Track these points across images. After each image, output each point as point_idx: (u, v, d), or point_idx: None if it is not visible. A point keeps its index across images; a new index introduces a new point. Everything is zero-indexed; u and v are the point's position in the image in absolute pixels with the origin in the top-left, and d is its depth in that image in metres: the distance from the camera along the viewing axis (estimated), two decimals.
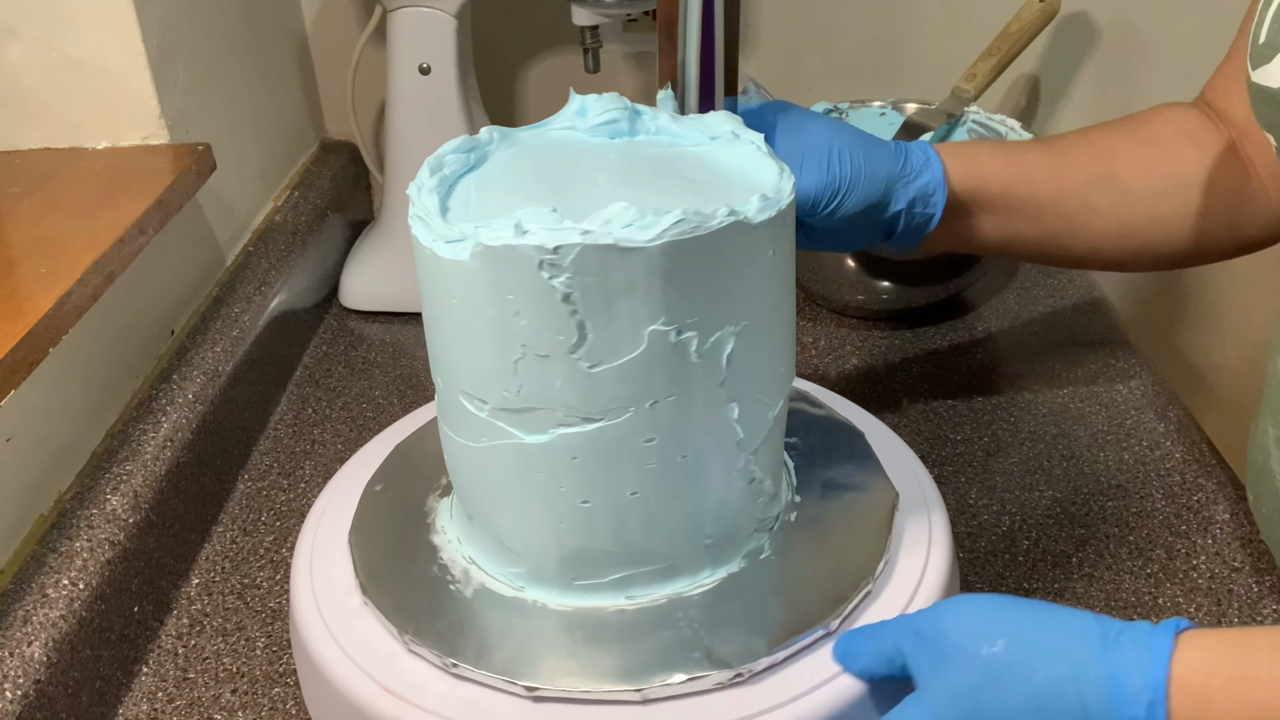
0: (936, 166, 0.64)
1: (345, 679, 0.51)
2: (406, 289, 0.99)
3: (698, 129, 0.55)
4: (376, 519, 0.59)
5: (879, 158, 0.63)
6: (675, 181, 0.51)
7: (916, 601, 0.53)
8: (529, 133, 0.56)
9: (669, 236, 0.44)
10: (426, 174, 0.51)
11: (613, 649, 0.50)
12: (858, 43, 1.12)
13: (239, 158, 0.93)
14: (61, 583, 0.60)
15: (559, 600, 0.53)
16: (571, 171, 0.53)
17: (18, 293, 0.63)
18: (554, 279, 0.45)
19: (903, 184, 0.63)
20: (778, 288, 0.51)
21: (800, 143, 0.62)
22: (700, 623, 0.51)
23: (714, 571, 0.54)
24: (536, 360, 0.47)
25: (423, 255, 0.48)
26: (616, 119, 0.56)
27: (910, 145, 0.65)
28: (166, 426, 0.73)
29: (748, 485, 0.53)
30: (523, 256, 0.44)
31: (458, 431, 0.52)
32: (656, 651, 0.50)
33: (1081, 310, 0.96)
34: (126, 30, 0.77)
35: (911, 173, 0.64)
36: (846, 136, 0.62)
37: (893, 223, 0.65)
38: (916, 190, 0.64)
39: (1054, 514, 0.73)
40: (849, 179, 0.61)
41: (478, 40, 1.01)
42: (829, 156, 0.61)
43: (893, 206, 0.63)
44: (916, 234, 0.66)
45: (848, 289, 0.93)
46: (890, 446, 0.63)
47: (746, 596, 0.53)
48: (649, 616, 0.52)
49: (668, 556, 0.52)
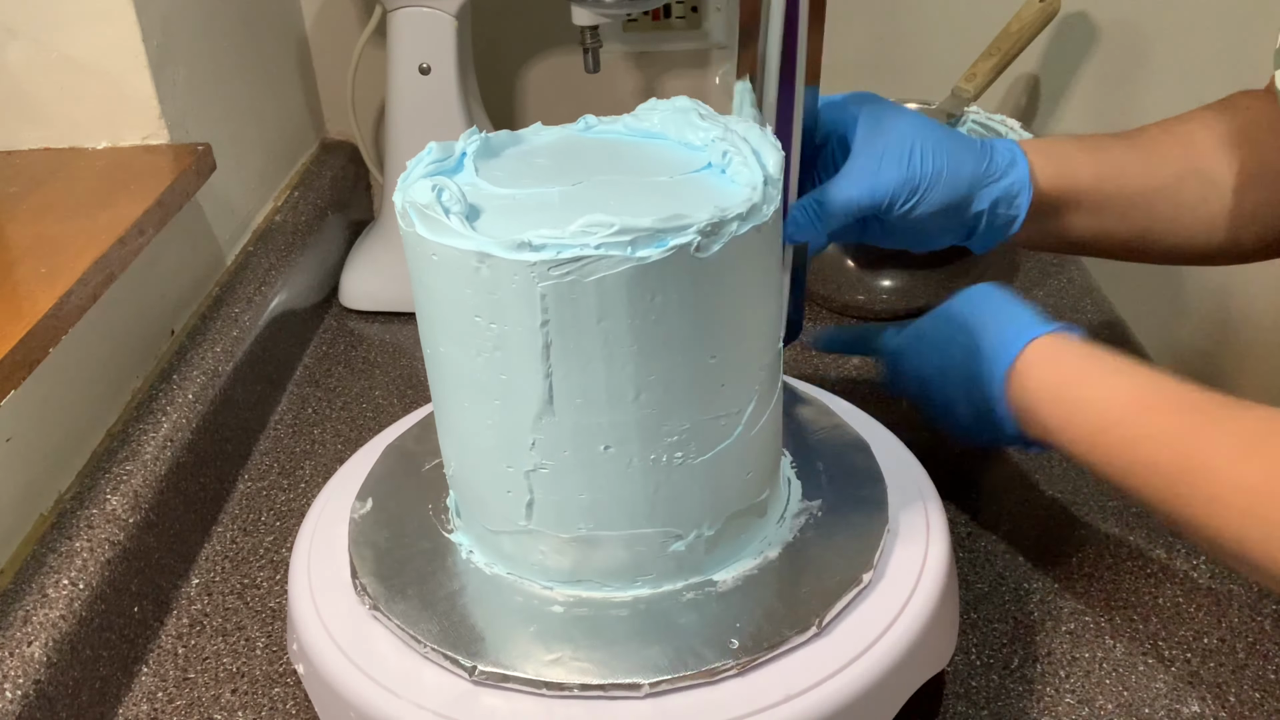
0: (1022, 166, 0.63)
1: (346, 682, 0.51)
2: (406, 289, 0.98)
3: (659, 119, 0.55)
4: (377, 509, 0.60)
5: (963, 156, 0.62)
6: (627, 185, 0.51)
7: (914, 601, 0.53)
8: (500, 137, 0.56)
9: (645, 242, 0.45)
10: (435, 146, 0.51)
11: (602, 642, 0.50)
12: (858, 43, 1.12)
13: (239, 158, 0.93)
14: (61, 583, 0.60)
15: (563, 593, 0.53)
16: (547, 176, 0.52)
17: (18, 293, 0.63)
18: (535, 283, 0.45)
19: (987, 184, 0.62)
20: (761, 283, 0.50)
21: (882, 137, 0.61)
22: (685, 620, 0.51)
23: (702, 572, 0.54)
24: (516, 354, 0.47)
25: (414, 253, 0.49)
26: None
27: (996, 143, 0.64)
28: (166, 426, 0.73)
29: (735, 490, 0.53)
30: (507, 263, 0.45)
31: (446, 419, 0.53)
32: (658, 645, 0.50)
33: (1082, 310, 0.96)
34: (126, 30, 0.77)
35: (996, 173, 0.63)
36: (930, 133, 0.61)
37: (974, 222, 0.64)
38: (1001, 191, 0.63)
39: (1054, 514, 0.73)
40: (929, 177, 0.60)
41: (478, 40, 1.01)
42: (910, 153, 0.60)
43: (975, 206, 0.63)
44: (999, 234, 0.65)
45: (848, 289, 0.93)
46: (889, 448, 0.63)
47: (746, 594, 0.53)
48: (650, 610, 0.52)
49: (658, 554, 0.52)
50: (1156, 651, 0.62)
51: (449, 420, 0.54)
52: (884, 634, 0.52)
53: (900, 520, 0.57)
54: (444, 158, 0.52)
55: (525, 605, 0.53)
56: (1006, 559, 0.69)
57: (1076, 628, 0.64)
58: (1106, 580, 0.67)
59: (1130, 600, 0.66)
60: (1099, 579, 0.67)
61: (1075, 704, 0.59)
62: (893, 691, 0.51)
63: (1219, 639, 0.63)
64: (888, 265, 0.90)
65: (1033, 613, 0.65)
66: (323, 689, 0.53)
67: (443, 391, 0.53)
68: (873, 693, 0.50)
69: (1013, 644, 0.63)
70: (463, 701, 0.49)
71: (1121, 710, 0.59)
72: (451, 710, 0.49)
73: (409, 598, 0.53)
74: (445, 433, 0.55)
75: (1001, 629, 0.64)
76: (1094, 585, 0.67)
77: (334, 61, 1.12)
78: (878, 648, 0.51)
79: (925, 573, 0.54)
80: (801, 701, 0.48)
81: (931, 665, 0.55)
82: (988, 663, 0.62)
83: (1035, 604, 0.66)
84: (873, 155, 0.60)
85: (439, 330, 0.50)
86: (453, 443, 0.55)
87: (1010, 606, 0.66)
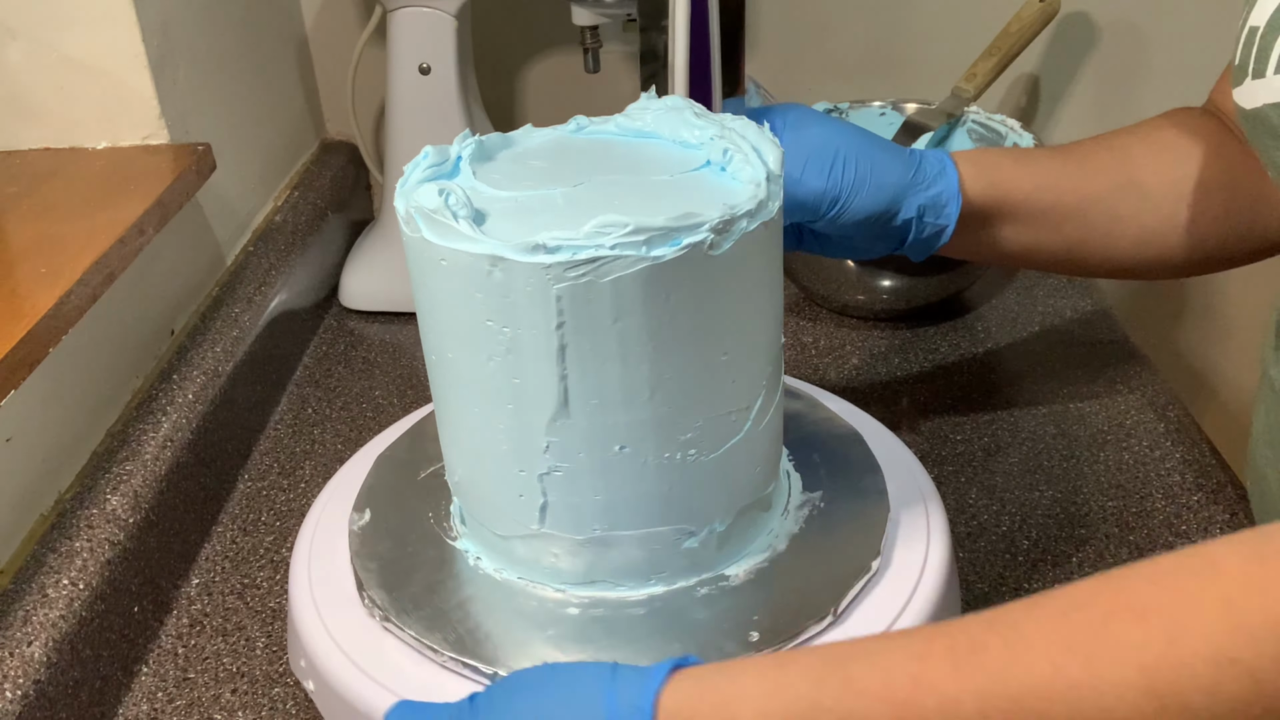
0: (952, 176, 0.63)
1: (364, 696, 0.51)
2: (406, 289, 0.98)
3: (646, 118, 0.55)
4: (378, 508, 0.60)
5: (888, 164, 0.61)
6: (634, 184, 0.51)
7: (914, 601, 0.53)
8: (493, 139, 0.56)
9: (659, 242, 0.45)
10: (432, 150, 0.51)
11: (635, 641, 0.51)
12: (858, 43, 1.12)
13: (239, 158, 0.93)
14: (61, 583, 0.60)
15: (577, 595, 0.53)
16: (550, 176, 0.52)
17: (18, 293, 0.62)
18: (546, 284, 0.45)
19: (913, 192, 0.62)
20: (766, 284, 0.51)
21: (804, 145, 0.60)
22: (687, 621, 0.52)
23: (725, 564, 0.54)
24: (520, 358, 0.47)
25: (413, 253, 0.49)
26: None
27: (926, 153, 0.64)
28: (166, 426, 0.73)
29: (745, 485, 0.53)
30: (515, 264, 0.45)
31: (447, 420, 0.53)
32: (678, 642, 0.50)
33: (1081, 310, 0.96)
34: (126, 30, 0.77)
35: (924, 181, 0.62)
36: (853, 141, 0.61)
37: (903, 231, 0.63)
38: (928, 199, 0.62)
39: (1054, 514, 0.73)
40: (851, 186, 0.60)
41: (478, 40, 1.01)
42: (832, 161, 0.60)
43: (903, 215, 0.62)
44: (930, 244, 0.64)
45: (848, 289, 0.93)
46: (889, 447, 0.63)
47: (759, 586, 0.53)
48: (667, 608, 0.52)
49: (653, 557, 0.53)
50: None
51: (455, 426, 0.54)
52: (898, 617, 0.52)
53: (901, 508, 0.58)
54: (440, 162, 0.52)
55: (540, 609, 0.53)
56: (1006, 559, 0.69)
57: None
58: None
59: None
60: None
61: None
62: None
63: None
64: (888, 266, 0.90)
65: None
66: (339, 705, 0.52)
67: (449, 397, 0.53)
68: None
69: None
70: None
71: None
72: None
73: (420, 608, 0.53)
74: (450, 439, 0.55)
75: None
76: None
77: (334, 61, 1.12)
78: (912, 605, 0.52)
79: (926, 574, 0.55)
80: None
81: None
82: None
83: None
84: (795, 165, 0.60)
85: (446, 336, 0.50)
86: (459, 448, 0.54)
87: None
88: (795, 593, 0.53)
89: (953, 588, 0.57)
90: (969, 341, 0.92)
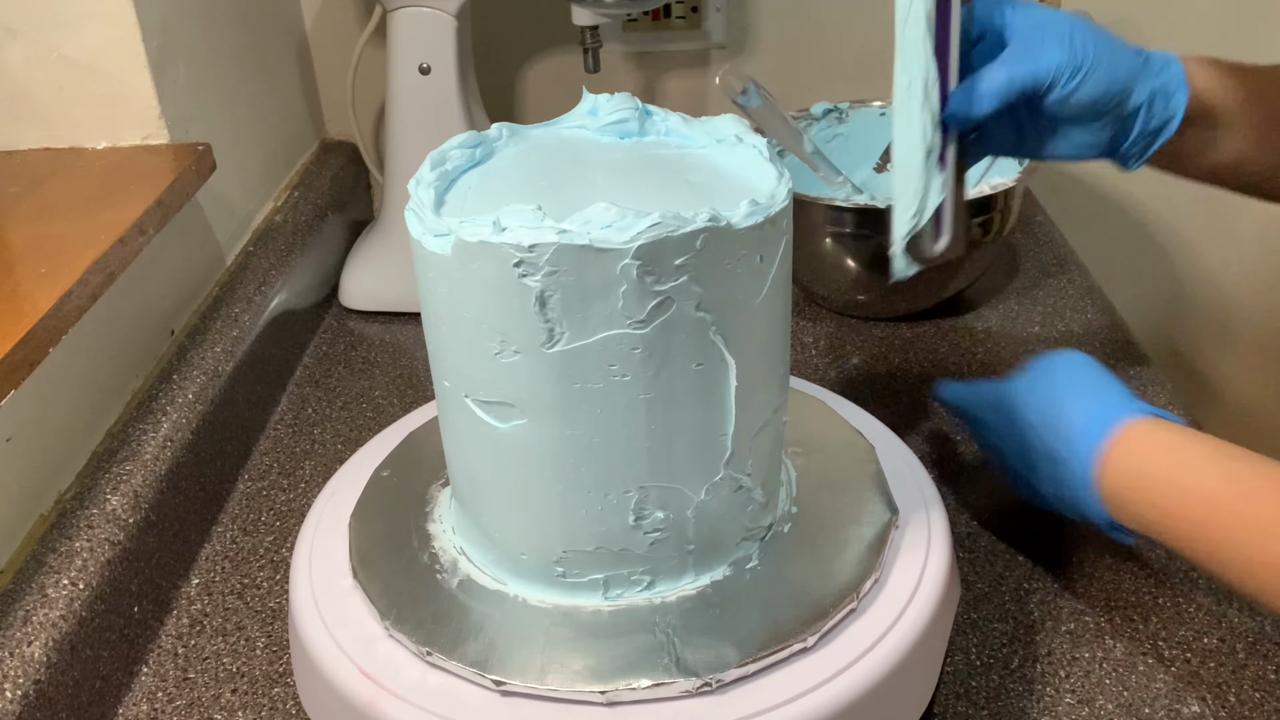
0: (1178, 68, 0.62)
1: (327, 659, 0.52)
2: (406, 289, 0.99)
3: (705, 131, 0.55)
4: (377, 507, 0.60)
5: (1119, 46, 0.61)
6: (672, 183, 0.51)
7: (914, 603, 0.53)
8: (539, 130, 0.57)
9: (645, 239, 0.44)
10: (427, 168, 0.51)
11: (585, 649, 0.50)
12: (858, 43, 1.12)
13: (239, 158, 0.93)
14: (61, 583, 0.60)
15: (539, 596, 0.53)
16: (572, 171, 0.53)
17: (18, 293, 0.62)
18: (527, 277, 0.45)
19: (1145, 77, 0.62)
20: (768, 297, 0.50)
21: (1040, 23, 0.60)
22: (675, 629, 0.51)
23: (696, 578, 0.53)
24: (512, 356, 0.47)
25: (414, 247, 0.49)
26: (626, 119, 0.56)
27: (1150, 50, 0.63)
28: (166, 426, 0.73)
29: (734, 494, 0.53)
30: (499, 253, 0.45)
31: (446, 420, 0.53)
32: (627, 655, 0.49)
33: (1081, 309, 0.96)
34: (126, 30, 0.77)
35: (1154, 68, 0.62)
36: (1082, 21, 0.61)
37: (1130, 121, 0.62)
38: (1158, 84, 0.62)
39: (1054, 514, 0.73)
40: (1091, 59, 0.59)
41: (478, 40, 1.01)
42: (1071, 34, 0.60)
43: (1134, 100, 0.62)
44: (1152, 139, 0.63)
45: (849, 289, 0.93)
46: (890, 447, 0.63)
47: (726, 606, 0.52)
48: (625, 619, 0.52)
49: (648, 559, 0.52)
50: (1156, 651, 0.62)
51: (461, 434, 0.53)
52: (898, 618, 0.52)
53: (899, 536, 0.57)
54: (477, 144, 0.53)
55: (505, 603, 0.53)
56: (1006, 559, 0.69)
57: (1076, 628, 0.64)
58: (1106, 580, 0.67)
59: (1130, 600, 0.66)
60: (1099, 579, 0.67)
61: (1075, 704, 0.59)
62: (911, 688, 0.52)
63: (1219, 639, 0.63)
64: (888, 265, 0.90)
65: (1033, 613, 0.65)
66: (339, 705, 0.52)
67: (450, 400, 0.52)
68: None
69: (1013, 644, 0.63)
70: (434, 692, 0.49)
71: (1121, 710, 0.59)
72: (422, 699, 0.49)
73: (421, 609, 0.53)
74: (456, 449, 0.55)
75: (1001, 629, 0.64)
76: (1094, 585, 0.67)
77: (334, 61, 1.12)
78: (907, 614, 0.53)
79: (926, 575, 0.55)
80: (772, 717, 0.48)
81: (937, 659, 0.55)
82: (988, 663, 0.62)
83: (1035, 604, 0.66)
84: (1033, 38, 0.60)
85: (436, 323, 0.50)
86: (464, 458, 0.54)
87: (1010, 606, 0.66)
88: (773, 613, 0.52)
89: (952, 594, 0.57)
90: (969, 341, 0.92)
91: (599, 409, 0.48)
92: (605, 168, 0.53)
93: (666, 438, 0.49)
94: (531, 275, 0.45)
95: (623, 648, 0.50)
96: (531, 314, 0.46)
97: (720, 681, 0.48)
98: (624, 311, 0.46)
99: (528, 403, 0.48)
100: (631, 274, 0.45)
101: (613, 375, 0.47)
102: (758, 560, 0.55)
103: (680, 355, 0.47)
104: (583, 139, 0.56)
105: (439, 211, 0.49)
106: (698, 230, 0.45)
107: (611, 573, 0.52)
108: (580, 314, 0.46)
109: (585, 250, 0.44)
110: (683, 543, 0.52)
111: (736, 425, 0.51)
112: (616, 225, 0.44)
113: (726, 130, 0.55)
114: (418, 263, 0.49)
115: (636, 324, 0.46)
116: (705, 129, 0.55)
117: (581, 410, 0.48)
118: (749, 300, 0.49)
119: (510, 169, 0.53)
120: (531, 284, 0.45)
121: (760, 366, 0.51)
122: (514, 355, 0.47)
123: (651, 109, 0.56)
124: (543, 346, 0.46)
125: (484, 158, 0.54)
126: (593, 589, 0.53)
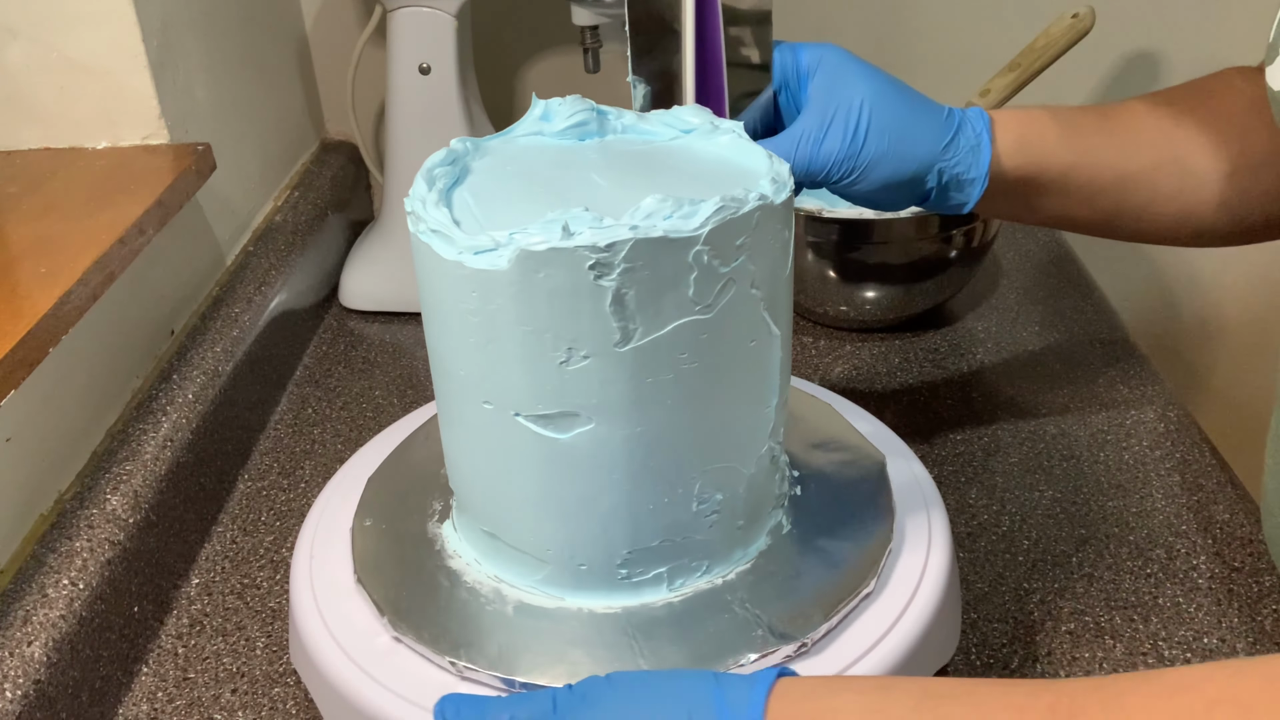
0: (985, 153, 0.59)
1: (327, 659, 0.52)
2: (406, 289, 0.99)
3: (665, 124, 0.55)
4: (378, 507, 0.60)
5: (919, 133, 0.58)
6: (672, 174, 0.51)
7: (917, 602, 0.53)
8: (497, 141, 0.55)
9: (713, 223, 0.45)
10: (424, 188, 0.49)
11: (674, 641, 0.50)
12: (859, 46, 1.12)
13: (239, 158, 0.93)
14: (61, 583, 0.60)
15: (605, 603, 0.52)
16: (563, 174, 0.52)
17: (18, 293, 0.62)
18: (603, 278, 0.44)
19: (942, 163, 0.59)
20: (791, 269, 0.52)
21: (831, 100, 0.57)
22: (750, 602, 0.52)
23: (745, 552, 0.54)
24: (580, 362, 0.46)
25: (441, 268, 0.46)
26: (585, 120, 0.55)
27: (963, 121, 0.60)
28: (166, 426, 0.73)
29: (771, 463, 0.54)
30: (572, 258, 0.44)
31: (477, 445, 0.51)
32: (718, 636, 0.50)
33: (1081, 310, 0.96)
34: (126, 30, 0.77)
35: (954, 156, 0.59)
36: (887, 104, 0.57)
37: (924, 195, 0.60)
38: (954, 175, 0.59)
39: (1054, 514, 0.73)
40: (873, 155, 0.57)
41: (478, 40, 1.01)
42: (859, 123, 0.56)
43: (926, 183, 0.59)
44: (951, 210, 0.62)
45: (830, 301, 0.92)
46: (890, 446, 0.63)
47: (783, 571, 0.54)
48: (699, 605, 0.52)
49: (706, 543, 0.52)
50: (1156, 651, 0.62)
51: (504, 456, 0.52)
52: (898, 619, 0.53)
53: (904, 517, 0.58)
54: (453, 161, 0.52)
55: (540, 613, 0.52)
56: (1006, 559, 0.69)
57: (1076, 628, 0.64)
58: (1106, 580, 0.67)
59: (1130, 600, 0.66)
60: (1099, 579, 0.67)
61: None
62: None
63: (1219, 639, 0.63)
64: (871, 278, 0.89)
65: (1033, 613, 0.65)
66: (340, 705, 0.52)
67: (451, 400, 0.52)
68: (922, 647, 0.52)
69: (1013, 644, 0.63)
70: None
71: None
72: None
73: (421, 609, 0.53)
74: (458, 452, 0.54)
75: (1001, 629, 0.64)
76: (1094, 585, 0.67)
77: (334, 61, 1.12)
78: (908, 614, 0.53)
79: (927, 575, 0.55)
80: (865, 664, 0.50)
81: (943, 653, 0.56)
82: (988, 663, 0.62)
83: (1035, 604, 0.66)
84: (821, 119, 0.56)
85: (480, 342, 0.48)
86: (467, 461, 0.54)
87: (1010, 606, 0.66)
88: (825, 568, 0.53)
89: (953, 595, 0.57)
90: (969, 341, 0.92)
91: (669, 400, 0.48)
92: (595, 167, 0.52)
93: (723, 418, 0.50)
94: (607, 275, 0.44)
95: (709, 631, 0.50)
96: (605, 315, 0.45)
97: (814, 640, 0.50)
98: (694, 299, 0.46)
99: (595, 408, 0.47)
100: (703, 259, 0.45)
101: (682, 364, 0.47)
102: (788, 525, 0.56)
103: (737, 334, 0.48)
104: (547, 145, 0.55)
105: (462, 229, 0.47)
106: (753, 210, 0.46)
107: (674, 564, 0.52)
108: (653, 308, 0.45)
109: (659, 242, 0.44)
110: (734, 519, 0.53)
111: (779, 395, 0.52)
112: (679, 214, 0.45)
113: (693, 120, 0.55)
114: (444, 287, 0.47)
115: (704, 309, 0.46)
116: (664, 121, 0.55)
117: (652, 405, 0.48)
118: (781, 273, 0.50)
119: (498, 181, 0.52)
120: (606, 284, 0.44)
121: (788, 335, 0.53)
122: (583, 361, 0.46)
123: (603, 108, 0.56)
124: (616, 347, 0.46)
125: (463, 174, 0.52)
126: (657, 584, 0.52)
